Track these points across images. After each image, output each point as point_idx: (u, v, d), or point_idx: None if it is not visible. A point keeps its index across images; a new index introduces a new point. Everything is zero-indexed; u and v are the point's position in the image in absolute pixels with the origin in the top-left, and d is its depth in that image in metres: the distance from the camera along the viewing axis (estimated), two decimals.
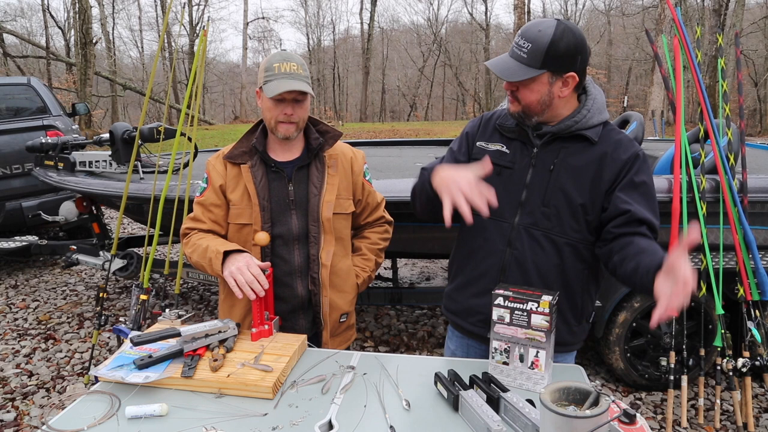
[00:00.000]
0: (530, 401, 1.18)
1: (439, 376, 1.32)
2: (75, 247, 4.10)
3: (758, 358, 2.65)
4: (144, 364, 1.36)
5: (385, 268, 4.98)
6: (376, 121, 31.61)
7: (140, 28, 32.15)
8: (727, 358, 2.67)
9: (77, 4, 17.79)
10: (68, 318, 4.19)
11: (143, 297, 2.90)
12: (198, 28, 25.85)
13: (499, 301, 1.33)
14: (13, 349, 3.68)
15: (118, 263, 3.78)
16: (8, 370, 3.37)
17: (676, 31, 2.84)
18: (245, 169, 1.70)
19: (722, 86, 2.87)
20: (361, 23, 32.15)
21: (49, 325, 4.05)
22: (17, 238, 4.71)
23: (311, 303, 1.76)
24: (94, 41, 18.56)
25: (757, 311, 2.67)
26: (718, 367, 2.68)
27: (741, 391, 2.68)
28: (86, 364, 3.42)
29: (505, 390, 1.24)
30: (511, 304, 1.31)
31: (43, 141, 3.81)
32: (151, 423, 1.20)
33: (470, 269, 1.62)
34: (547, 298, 1.29)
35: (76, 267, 5.06)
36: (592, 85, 1.54)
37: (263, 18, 35.41)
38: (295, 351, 1.48)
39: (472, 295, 1.62)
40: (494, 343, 1.36)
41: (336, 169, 1.76)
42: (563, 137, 1.50)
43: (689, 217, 2.68)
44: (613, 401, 1.15)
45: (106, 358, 1.92)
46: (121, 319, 3.56)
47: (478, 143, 1.63)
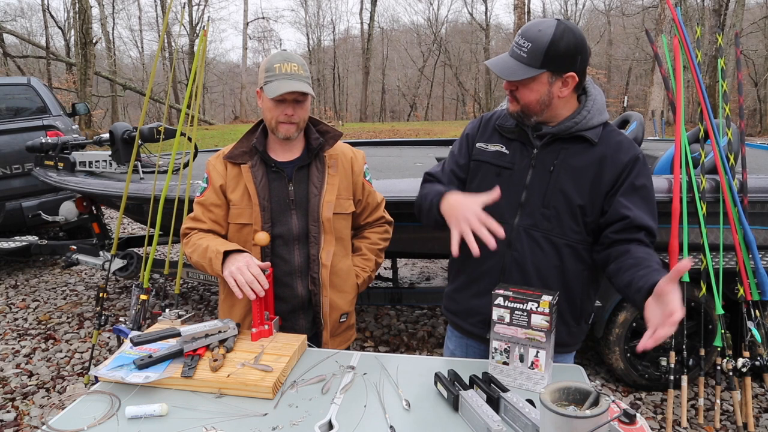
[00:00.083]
0: (530, 401, 1.18)
1: (439, 376, 1.32)
2: (75, 247, 4.10)
3: (758, 358, 2.66)
4: (144, 364, 1.36)
5: (385, 268, 4.98)
6: (376, 121, 31.60)
7: (140, 28, 32.21)
8: (727, 358, 2.67)
9: (77, 4, 17.78)
10: (68, 318, 4.19)
11: (143, 297, 2.90)
12: (198, 28, 25.85)
13: (499, 301, 1.33)
14: (13, 349, 3.68)
15: (118, 263, 3.78)
16: (8, 370, 3.37)
17: (676, 31, 2.84)
18: (245, 169, 1.70)
19: (722, 86, 2.87)
20: (361, 23, 32.19)
21: (49, 325, 4.05)
22: (17, 238, 4.71)
23: (311, 303, 1.76)
24: (94, 41, 18.56)
25: (757, 311, 2.67)
26: (718, 367, 2.68)
27: (741, 391, 2.68)
28: (86, 364, 3.42)
29: (505, 390, 1.24)
30: (511, 304, 1.31)
31: (43, 141, 3.81)
32: (151, 423, 1.20)
33: (470, 270, 1.62)
34: (547, 298, 1.29)
35: (76, 267, 5.06)
36: (591, 86, 1.53)
37: (263, 18, 35.47)
38: (295, 351, 1.48)
39: (472, 295, 1.62)
40: (494, 343, 1.36)
41: (336, 169, 1.76)
42: (563, 138, 1.50)
43: (689, 217, 2.68)
44: (613, 401, 1.15)
45: (106, 358, 1.92)
46: (121, 319, 3.56)
47: (478, 144, 1.63)
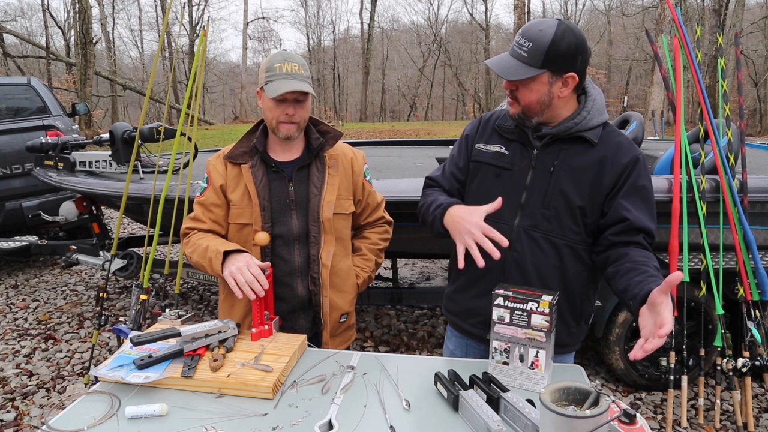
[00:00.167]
0: (530, 401, 1.18)
1: (439, 376, 1.32)
2: (75, 247, 4.10)
3: (758, 358, 2.66)
4: (144, 364, 1.36)
5: (385, 268, 4.98)
6: (376, 121, 31.59)
7: (140, 28, 32.20)
8: (727, 358, 2.67)
9: (77, 4, 17.78)
10: (68, 318, 4.19)
11: (143, 297, 2.90)
12: (198, 28, 25.84)
13: (499, 301, 1.33)
14: (13, 349, 3.68)
15: (118, 263, 3.78)
16: (8, 370, 3.37)
17: (676, 31, 2.84)
18: (246, 169, 1.70)
19: (722, 86, 2.87)
20: (361, 23, 32.18)
21: (49, 325, 4.05)
22: (17, 238, 4.71)
23: (311, 303, 1.76)
24: (94, 41, 18.55)
25: (757, 311, 2.67)
26: (718, 367, 2.68)
27: (741, 391, 2.68)
28: (86, 364, 3.42)
29: (505, 390, 1.24)
30: (511, 304, 1.31)
31: (43, 141, 3.81)
32: (151, 423, 1.20)
33: (470, 271, 1.61)
34: (547, 298, 1.29)
35: (76, 267, 5.06)
36: (591, 86, 1.53)
37: (263, 18, 35.50)
38: (295, 351, 1.48)
39: (472, 296, 1.62)
40: (494, 343, 1.36)
41: (336, 170, 1.76)
42: (563, 138, 1.49)
43: (689, 217, 2.68)
44: (613, 401, 1.15)
45: (106, 358, 1.92)
46: (121, 319, 3.56)
47: (477, 145, 1.63)
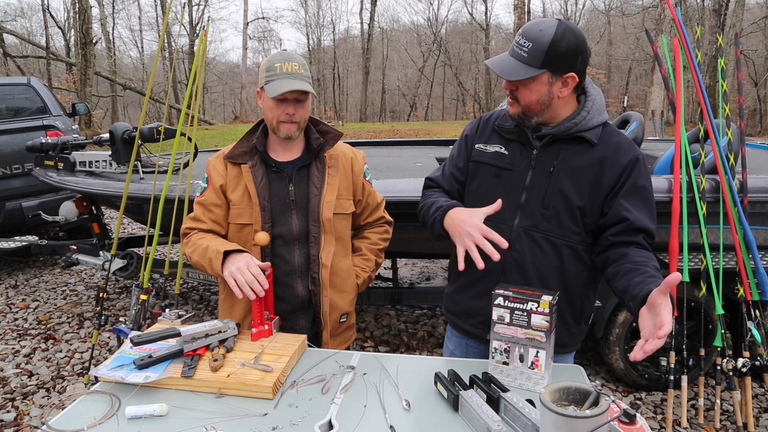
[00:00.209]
0: (530, 401, 1.18)
1: (439, 376, 1.32)
2: (75, 247, 4.10)
3: (758, 358, 2.66)
4: (144, 364, 1.36)
5: (385, 268, 4.98)
6: (376, 121, 31.59)
7: (140, 28, 32.20)
8: (727, 358, 2.67)
9: (77, 4, 17.78)
10: (68, 318, 4.19)
11: (143, 297, 2.90)
12: (198, 28, 25.84)
13: (499, 301, 1.33)
14: (13, 349, 3.68)
15: (118, 263, 3.78)
16: (8, 370, 3.37)
17: (676, 31, 2.84)
18: (246, 169, 1.70)
19: (722, 86, 2.87)
20: (361, 23, 32.17)
21: (49, 325, 4.05)
22: (17, 238, 4.71)
23: (311, 303, 1.76)
24: (94, 41, 18.55)
25: (757, 311, 2.67)
26: (718, 367, 2.68)
27: (741, 391, 2.68)
28: (86, 364, 3.42)
29: (505, 390, 1.24)
30: (511, 304, 1.31)
31: (43, 141, 3.80)
32: (151, 423, 1.20)
33: (470, 271, 1.61)
34: (547, 298, 1.29)
35: (76, 267, 5.06)
36: (591, 86, 1.53)
37: (263, 18, 35.49)
38: (295, 351, 1.48)
39: (472, 296, 1.62)
40: (494, 343, 1.36)
41: (336, 170, 1.76)
42: (563, 139, 1.49)
43: (689, 217, 2.68)
44: (613, 401, 1.15)
45: (106, 358, 1.92)
46: (121, 319, 3.56)
47: (477, 145, 1.63)
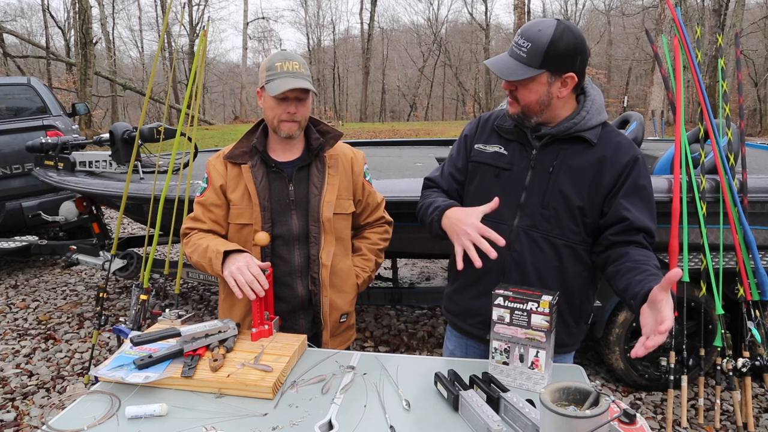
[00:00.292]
0: (530, 401, 1.18)
1: (439, 376, 1.32)
2: (75, 247, 4.10)
3: (758, 358, 2.66)
4: (144, 364, 1.36)
5: (385, 268, 4.98)
6: (376, 121, 31.58)
7: (140, 28, 32.19)
8: (727, 358, 2.67)
9: (77, 4, 17.78)
10: (68, 318, 4.19)
11: (143, 297, 2.90)
12: (198, 28, 25.84)
13: (499, 301, 1.33)
14: (13, 349, 3.68)
15: (118, 263, 3.78)
16: (8, 370, 3.37)
17: (676, 31, 2.84)
18: (246, 169, 1.70)
19: (722, 86, 2.87)
20: (361, 23, 32.16)
21: (49, 325, 4.05)
22: (17, 238, 4.71)
23: (311, 303, 1.76)
24: (94, 41, 18.55)
25: (757, 311, 2.67)
26: (718, 367, 2.68)
27: (741, 391, 2.68)
28: (86, 364, 3.42)
29: (505, 390, 1.24)
30: (511, 304, 1.31)
31: (43, 141, 3.80)
32: (151, 423, 1.20)
33: (470, 271, 1.61)
34: (547, 298, 1.29)
35: (76, 267, 5.06)
36: (590, 86, 1.53)
37: (263, 18, 35.44)
38: (295, 351, 1.48)
39: (472, 297, 1.62)
40: (494, 343, 1.36)
41: (336, 170, 1.76)
42: (562, 139, 1.49)
43: (689, 217, 2.68)
44: (613, 401, 1.15)
45: (106, 358, 1.92)
46: (121, 319, 3.56)
47: (476, 145, 1.63)
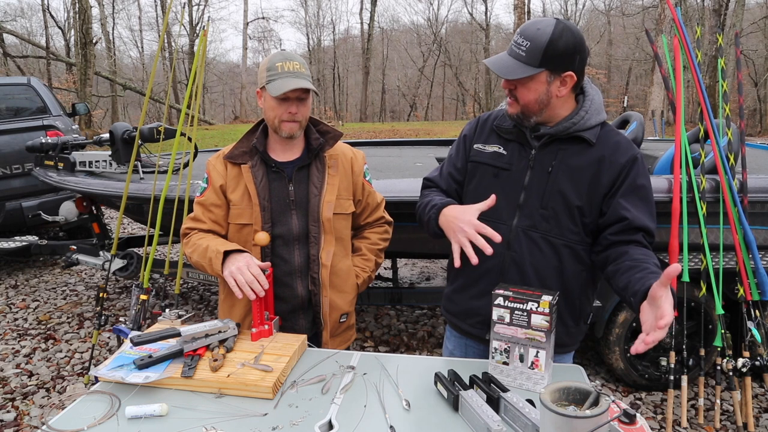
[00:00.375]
0: (530, 401, 1.18)
1: (439, 376, 1.32)
2: (75, 247, 4.10)
3: (758, 358, 2.66)
4: (144, 364, 1.36)
5: (385, 268, 4.98)
6: (376, 121, 31.58)
7: (140, 28, 32.20)
8: (727, 358, 2.67)
9: (77, 4, 17.78)
10: (68, 318, 4.19)
11: (143, 297, 2.90)
12: (198, 28, 25.84)
13: (499, 301, 1.33)
14: (13, 349, 3.68)
15: (118, 263, 3.78)
16: (8, 370, 3.37)
17: (676, 31, 2.84)
18: (246, 169, 1.70)
19: (722, 86, 2.87)
20: (361, 23, 32.17)
21: (49, 325, 4.05)
22: (17, 238, 4.71)
23: (311, 303, 1.76)
24: (94, 41, 18.55)
25: (757, 311, 2.67)
26: (718, 367, 2.68)
27: (741, 391, 2.68)
28: (86, 364, 3.42)
29: (505, 390, 1.24)
30: (511, 304, 1.31)
31: (43, 141, 3.80)
32: (151, 423, 1.20)
33: (469, 271, 1.61)
34: (547, 298, 1.29)
35: (76, 267, 5.06)
36: (589, 86, 1.53)
37: (263, 18, 35.45)
38: (295, 351, 1.48)
39: (471, 296, 1.62)
40: (494, 343, 1.36)
41: (336, 170, 1.76)
42: (561, 138, 1.49)
43: (689, 217, 2.68)
44: (613, 401, 1.15)
45: (106, 358, 1.92)
46: (121, 319, 3.56)
47: (476, 145, 1.63)
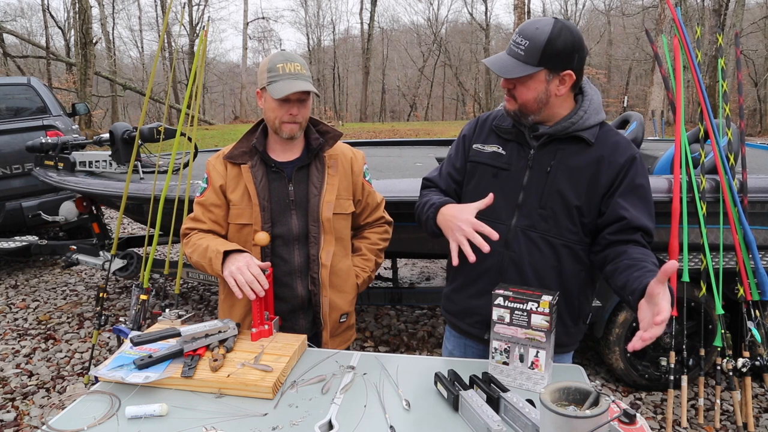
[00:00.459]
0: (530, 401, 1.18)
1: (439, 376, 1.32)
2: (75, 247, 4.10)
3: (758, 358, 2.66)
4: (144, 364, 1.36)
5: (385, 268, 4.98)
6: (376, 121, 31.58)
7: (140, 28, 32.19)
8: (727, 358, 2.67)
9: (77, 4, 17.78)
10: (68, 318, 4.19)
11: (143, 297, 2.90)
12: (198, 28, 25.85)
13: (499, 301, 1.33)
14: (13, 349, 3.68)
15: (118, 263, 3.78)
16: (8, 370, 3.37)
17: (676, 31, 2.84)
18: (245, 169, 1.70)
19: (722, 86, 2.87)
20: (361, 23, 32.16)
21: (49, 325, 4.05)
22: (17, 238, 4.71)
23: (311, 303, 1.76)
24: (94, 41, 18.55)
25: (757, 311, 2.67)
26: (718, 367, 2.68)
27: (741, 391, 2.68)
28: (86, 364, 3.42)
29: (505, 390, 1.24)
30: (511, 304, 1.31)
31: (43, 141, 3.80)
32: (151, 423, 1.20)
33: (468, 271, 1.61)
34: (547, 298, 1.29)
35: (76, 267, 5.06)
36: (588, 86, 1.53)
37: (263, 18, 35.43)
38: (295, 351, 1.48)
39: (470, 296, 1.62)
40: (494, 343, 1.36)
41: (336, 170, 1.76)
42: (560, 138, 1.49)
43: (689, 217, 2.68)
44: (613, 401, 1.15)
45: (106, 358, 1.92)
46: (121, 319, 3.56)
47: (475, 145, 1.63)
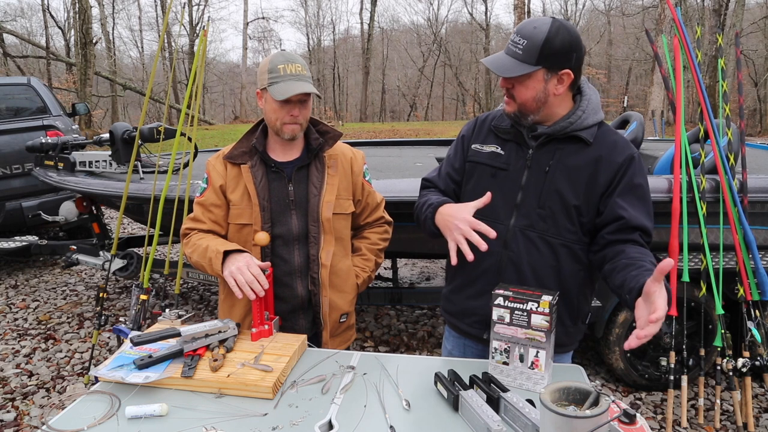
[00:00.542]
0: (530, 401, 1.18)
1: (439, 376, 1.32)
2: (75, 247, 4.10)
3: (758, 358, 2.66)
4: (144, 364, 1.36)
5: (385, 268, 4.98)
6: (376, 121, 31.57)
7: (140, 28, 32.19)
8: (727, 358, 2.67)
9: (77, 4, 17.78)
10: (68, 318, 4.19)
11: (143, 297, 2.90)
12: (198, 28, 25.83)
13: (499, 301, 1.33)
14: (13, 349, 3.68)
15: (118, 263, 3.78)
16: (8, 370, 3.37)
17: (676, 31, 2.84)
18: (245, 170, 1.70)
19: (722, 86, 2.87)
20: (361, 23, 32.16)
21: (49, 325, 4.05)
22: (17, 238, 4.71)
23: (311, 303, 1.76)
24: (94, 41, 18.55)
25: (757, 311, 2.67)
26: (718, 367, 2.68)
27: (741, 391, 2.68)
28: (86, 364, 3.42)
29: (505, 390, 1.24)
30: (511, 304, 1.31)
31: (43, 141, 3.81)
32: (151, 423, 1.20)
33: (467, 271, 1.61)
34: (547, 298, 1.29)
35: (76, 267, 5.06)
36: (586, 85, 1.54)
37: (263, 18, 35.43)
38: (295, 351, 1.48)
39: (469, 296, 1.63)
40: (494, 343, 1.36)
41: (336, 170, 1.76)
42: (558, 138, 1.50)
43: (689, 217, 2.68)
44: (613, 401, 1.15)
45: (106, 358, 1.92)
46: (121, 319, 3.56)
47: (474, 146, 1.63)
